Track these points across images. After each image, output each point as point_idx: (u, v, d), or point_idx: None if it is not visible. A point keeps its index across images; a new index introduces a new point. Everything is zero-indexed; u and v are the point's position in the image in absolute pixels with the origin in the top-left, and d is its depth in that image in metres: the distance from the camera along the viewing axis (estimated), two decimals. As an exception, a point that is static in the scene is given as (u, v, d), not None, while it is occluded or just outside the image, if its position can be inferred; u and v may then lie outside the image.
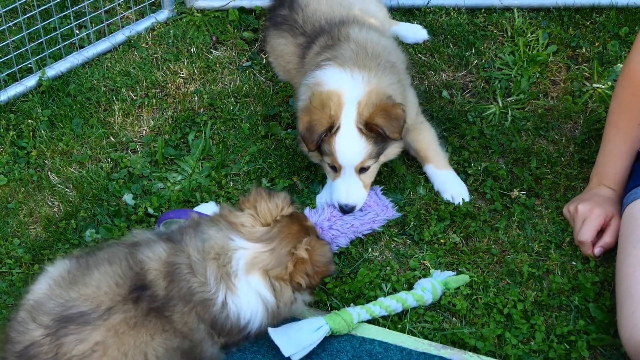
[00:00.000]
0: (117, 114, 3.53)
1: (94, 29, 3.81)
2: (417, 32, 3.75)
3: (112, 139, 3.45)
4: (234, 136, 3.43)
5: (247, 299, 2.48)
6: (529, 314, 2.83)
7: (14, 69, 3.60)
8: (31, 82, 3.62)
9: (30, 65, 3.66)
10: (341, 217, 3.02)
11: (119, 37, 3.84)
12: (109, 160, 3.37)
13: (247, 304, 2.48)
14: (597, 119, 3.39)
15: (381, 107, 2.90)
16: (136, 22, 3.91)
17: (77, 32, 3.81)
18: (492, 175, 3.23)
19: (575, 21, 3.81)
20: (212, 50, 3.81)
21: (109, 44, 3.81)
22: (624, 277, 2.67)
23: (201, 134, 3.44)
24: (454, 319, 2.84)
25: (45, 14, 3.85)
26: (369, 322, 2.80)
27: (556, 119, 3.44)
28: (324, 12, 3.37)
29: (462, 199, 3.12)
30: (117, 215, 3.15)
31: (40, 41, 3.67)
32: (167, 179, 3.29)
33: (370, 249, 3.03)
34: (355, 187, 2.99)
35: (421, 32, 3.75)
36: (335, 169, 3.00)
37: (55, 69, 3.67)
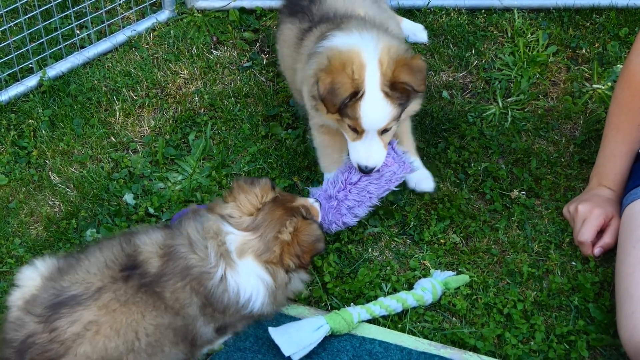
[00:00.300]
0: (117, 114, 3.53)
1: (95, 29, 3.81)
2: (418, 32, 3.74)
3: (113, 139, 3.45)
4: (234, 136, 3.43)
5: (246, 277, 2.53)
6: (528, 314, 2.83)
7: (15, 69, 3.60)
8: (32, 82, 3.62)
9: (31, 65, 3.67)
10: (356, 184, 2.98)
11: (120, 37, 3.84)
12: (110, 160, 3.37)
13: (247, 281, 2.53)
14: (597, 119, 3.40)
15: (402, 61, 2.80)
16: (137, 23, 3.91)
17: (78, 32, 3.80)
18: (492, 175, 3.23)
19: (575, 22, 3.81)
20: (212, 50, 3.81)
21: (109, 44, 3.81)
22: (623, 278, 2.67)
23: (202, 134, 3.44)
24: (454, 318, 2.84)
25: (46, 14, 3.85)
26: (369, 321, 2.81)
27: (556, 119, 3.44)
28: (337, 8, 3.33)
29: (427, 190, 3.13)
30: (118, 215, 3.16)
31: (41, 41, 3.67)
32: (168, 178, 3.30)
33: (370, 249, 3.04)
34: (377, 148, 2.91)
35: (422, 34, 3.74)
36: (356, 131, 2.90)
37: (56, 69, 3.67)
